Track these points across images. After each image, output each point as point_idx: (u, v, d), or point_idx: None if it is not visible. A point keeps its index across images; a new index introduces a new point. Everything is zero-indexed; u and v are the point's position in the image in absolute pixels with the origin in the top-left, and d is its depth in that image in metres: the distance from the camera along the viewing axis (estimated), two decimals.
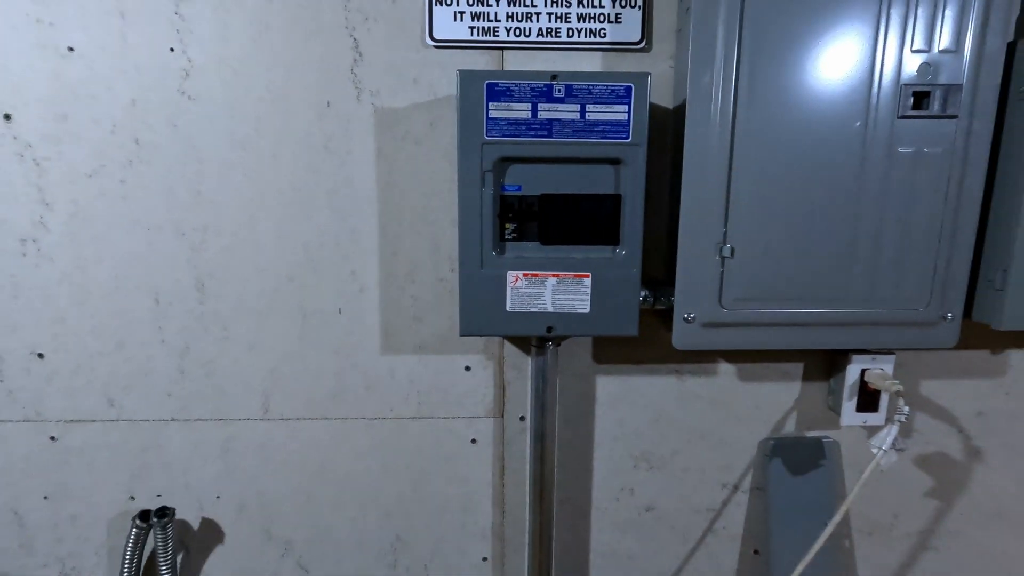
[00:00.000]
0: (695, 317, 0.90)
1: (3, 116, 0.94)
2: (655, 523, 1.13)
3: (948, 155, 0.86)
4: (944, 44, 0.83)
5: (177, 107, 0.95)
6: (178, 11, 0.92)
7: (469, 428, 1.08)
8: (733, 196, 0.86)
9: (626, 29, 0.94)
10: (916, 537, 1.15)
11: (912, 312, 0.91)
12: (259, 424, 1.06)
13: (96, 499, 1.09)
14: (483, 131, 0.82)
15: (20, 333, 1.01)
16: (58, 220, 0.98)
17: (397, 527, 1.11)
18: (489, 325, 0.88)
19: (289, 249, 1.00)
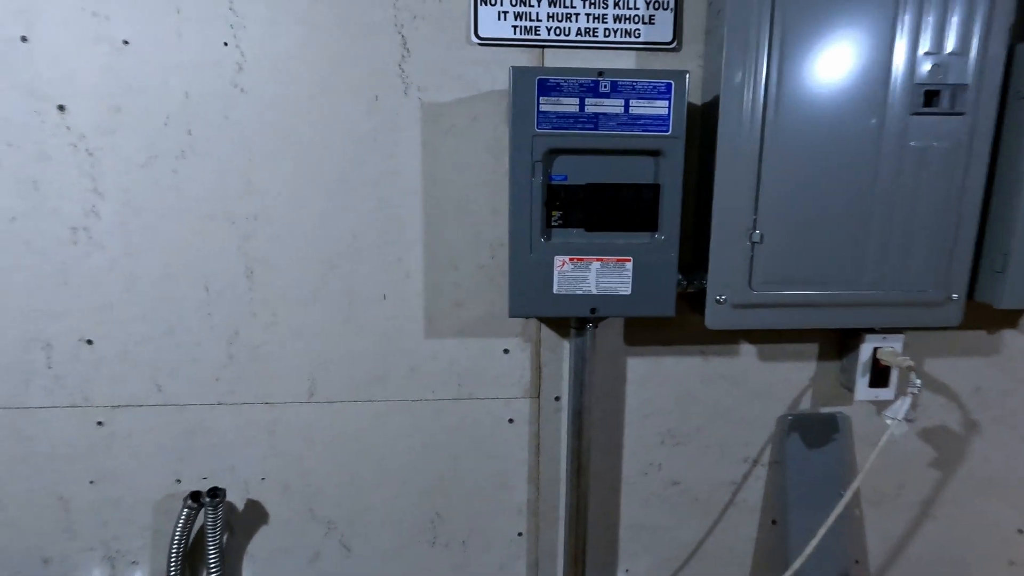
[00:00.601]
0: (726, 299, 0.96)
1: (57, 107, 0.96)
2: (680, 496, 1.20)
3: (954, 149, 0.94)
4: (952, 47, 0.91)
5: (230, 100, 0.98)
6: (232, 7, 0.95)
7: (506, 408, 1.13)
8: (763, 186, 0.93)
9: (659, 30, 1.00)
10: (919, 506, 1.24)
11: (921, 293, 0.99)
12: (304, 407, 1.10)
13: (142, 483, 1.11)
14: (534, 124, 0.87)
15: (69, 320, 1.04)
16: (110, 209, 1.00)
17: (436, 505, 1.16)
18: (537, 307, 0.93)
19: (336, 237, 1.04)
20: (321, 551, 1.17)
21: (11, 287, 1.01)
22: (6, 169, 0.98)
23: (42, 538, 1.12)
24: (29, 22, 0.94)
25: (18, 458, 1.08)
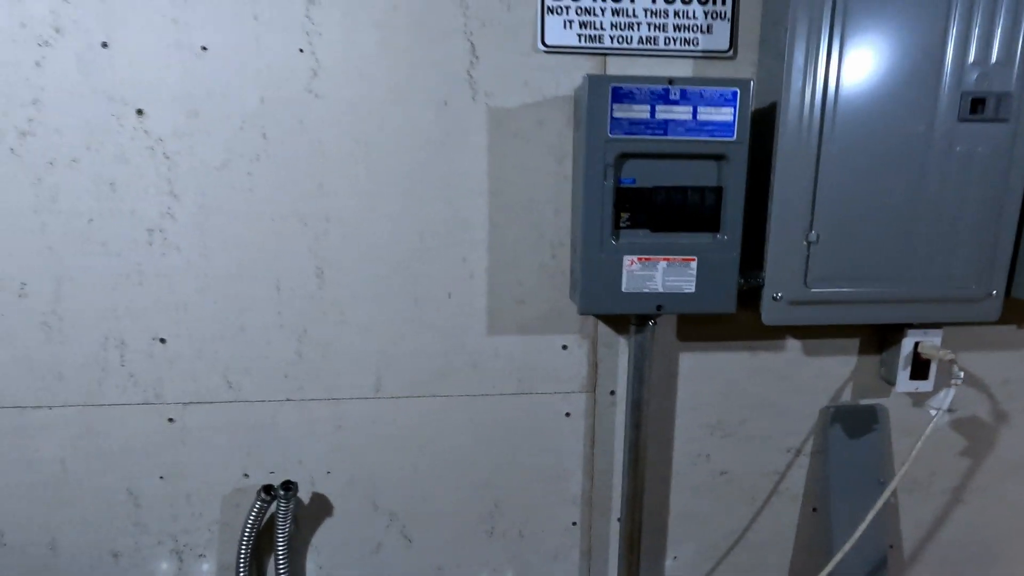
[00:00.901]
0: (783, 296, 1.01)
1: (136, 111, 0.99)
2: (727, 486, 1.25)
3: (997, 154, 1.00)
4: (997, 57, 0.97)
5: (304, 105, 1.01)
6: (308, 15, 0.98)
7: (564, 402, 1.17)
8: (819, 189, 0.98)
9: (716, 39, 1.04)
10: (950, 493, 1.30)
11: (962, 290, 1.05)
12: (370, 402, 1.14)
13: (211, 477, 1.14)
14: (607, 129, 0.92)
15: (143, 319, 1.06)
16: (185, 211, 1.03)
17: (495, 495, 1.20)
18: (606, 305, 0.98)
19: (404, 237, 1.08)
20: (383, 542, 1.21)
21: (88, 287, 1.04)
22: (85, 171, 1.00)
23: (112, 532, 1.15)
24: (110, 28, 0.96)
25: (91, 454, 1.11)
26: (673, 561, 1.28)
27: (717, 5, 1.03)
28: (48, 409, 1.08)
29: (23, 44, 0.95)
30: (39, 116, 0.98)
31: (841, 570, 1.25)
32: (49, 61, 0.96)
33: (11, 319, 1.04)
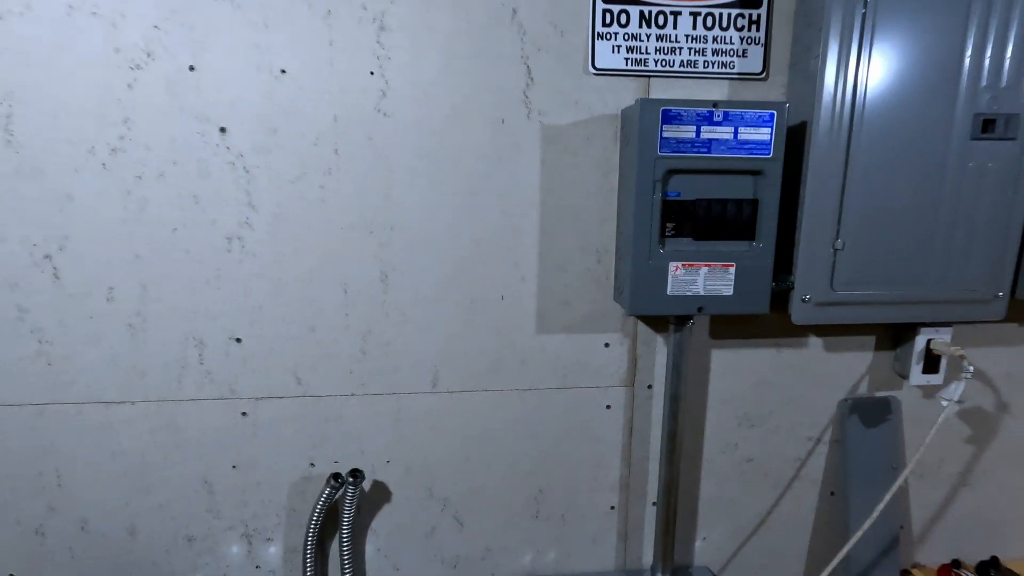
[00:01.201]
0: (811, 298, 1.11)
1: (219, 129, 1.07)
2: (753, 472, 1.35)
3: (1006, 169, 1.10)
4: (1006, 82, 1.06)
5: (373, 123, 1.10)
6: (379, 40, 1.07)
7: (605, 396, 1.27)
8: (846, 200, 1.08)
9: (750, 62, 1.14)
10: (957, 477, 1.41)
11: (972, 292, 1.15)
12: (428, 397, 1.23)
13: (279, 467, 1.23)
14: (656, 148, 1.01)
15: (221, 321, 1.15)
16: (262, 221, 1.12)
17: (539, 482, 1.30)
18: (653, 306, 1.07)
19: (462, 244, 1.16)
20: (437, 526, 1.30)
21: (171, 291, 1.12)
22: (171, 185, 1.08)
23: (187, 519, 1.23)
24: (197, 53, 1.04)
25: (169, 446, 1.19)
26: (703, 542, 1.38)
27: (752, 32, 1.12)
28: (131, 404, 1.17)
29: (117, 68, 1.03)
30: (129, 134, 1.06)
31: (856, 549, 1.36)
32: (140, 83, 1.04)
33: (99, 321, 1.12)
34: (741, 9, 1.11)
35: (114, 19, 1.01)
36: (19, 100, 1.02)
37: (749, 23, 1.12)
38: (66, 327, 1.12)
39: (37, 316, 1.11)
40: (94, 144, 1.05)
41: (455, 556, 1.32)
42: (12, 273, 1.08)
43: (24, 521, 1.19)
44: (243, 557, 1.27)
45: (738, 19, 1.11)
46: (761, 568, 1.40)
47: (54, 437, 1.16)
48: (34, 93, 1.02)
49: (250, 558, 1.27)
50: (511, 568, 1.34)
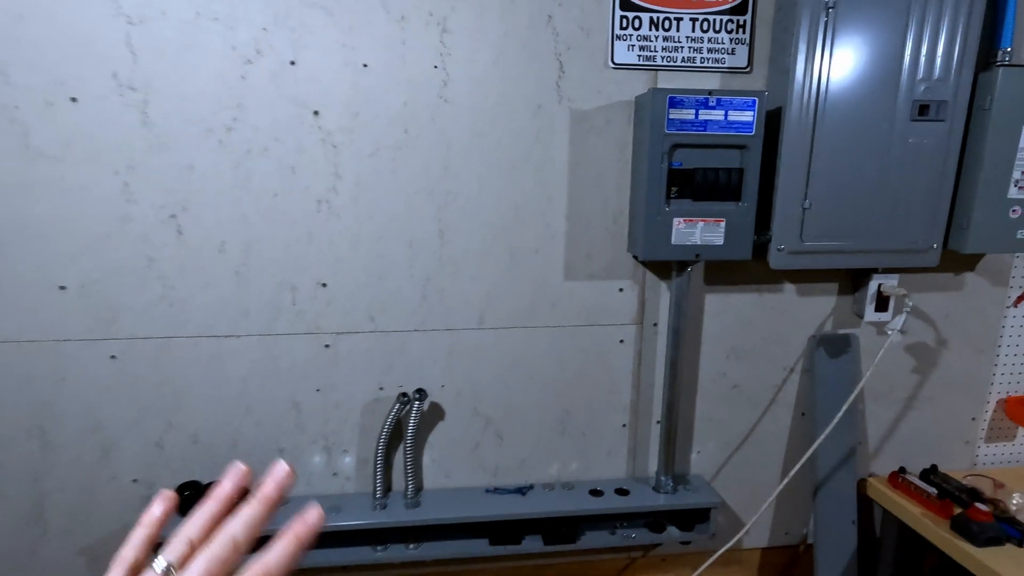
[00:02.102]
0: (785, 248, 1.40)
1: (313, 112, 1.33)
2: (738, 396, 1.64)
3: (938, 145, 1.38)
4: (938, 75, 1.35)
5: (436, 108, 1.36)
6: (442, 40, 1.33)
7: (619, 332, 1.55)
8: (812, 170, 1.36)
9: (737, 58, 1.41)
10: (904, 401, 1.71)
11: (913, 243, 1.44)
12: (475, 332, 1.50)
13: (354, 390, 1.50)
14: (664, 127, 1.28)
15: (311, 270, 1.41)
16: (345, 187, 1.38)
17: (565, 404, 1.58)
18: (660, 253, 1.35)
19: (505, 208, 1.43)
20: (481, 440, 1.58)
21: (271, 245, 1.38)
22: (273, 158, 1.34)
23: (280, 433, 1.51)
24: (297, 50, 1.29)
25: (266, 373, 1.46)
26: (697, 455, 1.67)
27: (739, 34, 1.39)
28: (236, 338, 1.43)
29: (232, 62, 1.28)
30: (241, 116, 1.31)
31: (821, 461, 1.67)
32: (250, 75, 1.29)
33: (213, 270, 1.38)
34: (731, 16, 1.38)
35: (231, 23, 1.26)
36: (154, 89, 1.27)
37: (737, 27, 1.39)
38: (185, 274, 1.38)
39: (162, 265, 1.36)
40: (212, 125, 1.31)
41: (495, 466, 1.60)
42: (144, 229, 1.34)
43: (147, 435, 1.46)
44: (323, 466, 1.55)
45: (728, 24, 1.38)
46: (745, 476, 1.70)
47: (174, 365, 1.42)
48: (166, 83, 1.27)
49: (329, 467, 1.55)
50: (541, 475, 1.63)
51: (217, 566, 0.38)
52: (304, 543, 0.41)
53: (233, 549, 0.39)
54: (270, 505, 0.42)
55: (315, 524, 0.42)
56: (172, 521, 0.42)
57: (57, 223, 1.31)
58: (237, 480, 0.43)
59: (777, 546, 1.78)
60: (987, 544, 1.40)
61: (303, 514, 0.42)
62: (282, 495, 0.42)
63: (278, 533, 0.41)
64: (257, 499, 0.42)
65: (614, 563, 1.74)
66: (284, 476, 0.43)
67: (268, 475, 0.42)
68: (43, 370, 1.38)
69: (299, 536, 0.41)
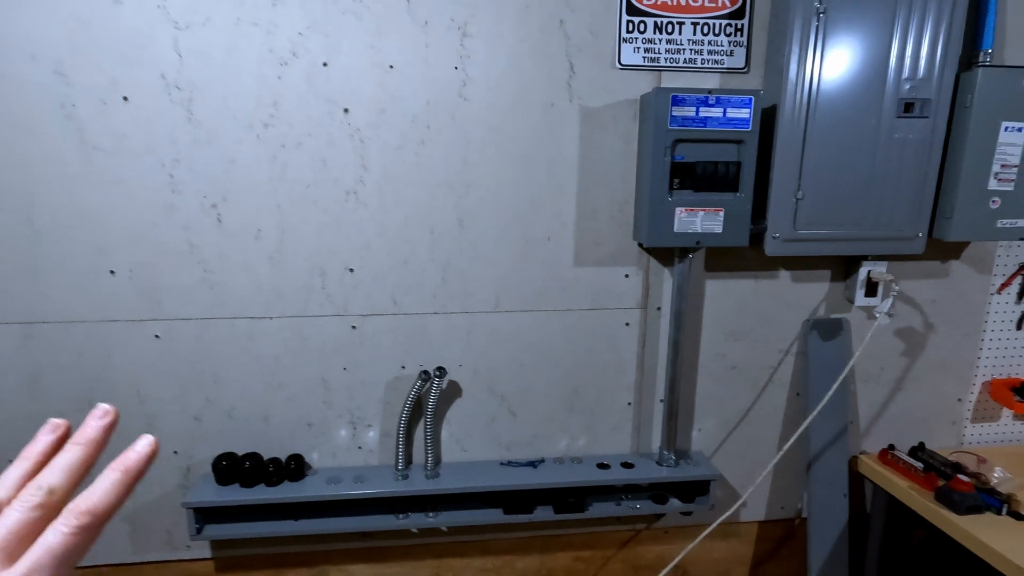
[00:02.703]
0: (779, 235, 1.50)
1: (343, 110, 1.44)
2: (736, 376, 1.75)
3: (922, 140, 1.49)
4: (922, 75, 1.45)
5: (456, 106, 1.47)
6: (462, 43, 1.44)
7: (624, 315, 1.66)
8: (804, 163, 1.46)
9: (736, 60, 1.51)
10: (893, 383, 1.82)
11: (899, 231, 1.55)
12: (491, 315, 1.61)
13: (378, 369, 1.61)
14: (667, 123, 1.39)
15: (339, 255, 1.52)
16: (372, 179, 1.49)
17: (574, 383, 1.69)
18: (664, 240, 1.46)
19: (519, 198, 1.54)
20: (496, 416, 1.69)
21: (303, 232, 1.50)
22: (306, 152, 1.45)
23: (309, 408, 1.62)
24: (330, 53, 1.40)
25: (298, 351, 1.57)
26: (698, 432, 1.78)
27: (737, 37, 1.50)
28: (270, 319, 1.54)
29: (270, 63, 1.39)
30: (277, 113, 1.42)
31: (815, 439, 1.78)
32: (286, 75, 1.40)
33: (249, 255, 1.50)
34: (730, 20, 1.48)
35: (269, 28, 1.38)
36: (198, 88, 1.39)
37: (735, 30, 1.49)
38: (224, 259, 1.49)
39: (203, 251, 1.48)
40: (251, 121, 1.42)
41: (509, 440, 1.72)
42: (187, 217, 1.46)
43: (187, 409, 1.58)
44: (348, 440, 1.66)
45: (727, 27, 1.49)
46: (742, 452, 1.80)
47: (212, 344, 1.54)
48: (210, 82, 1.39)
49: (354, 440, 1.66)
50: (551, 450, 1.74)
51: (29, 514, 0.35)
52: (133, 475, 0.39)
53: (47, 495, 0.36)
54: (92, 447, 0.39)
55: (146, 454, 0.40)
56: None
57: (108, 212, 1.43)
58: (50, 435, 0.41)
59: (773, 519, 1.88)
60: (968, 512, 1.50)
61: (133, 445, 0.40)
62: (106, 436, 0.40)
63: (108, 466, 0.39)
64: (73, 442, 0.39)
65: (619, 535, 1.84)
66: (105, 416, 0.41)
67: (90, 417, 0.41)
68: (93, 348, 1.50)
69: (128, 469, 0.39)
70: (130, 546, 1.64)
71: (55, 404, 1.52)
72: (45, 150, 1.38)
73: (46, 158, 1.38)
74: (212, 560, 1.69)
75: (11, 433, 1.52)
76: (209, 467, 1.58)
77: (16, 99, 1.35)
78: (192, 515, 1.51)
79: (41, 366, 1.50)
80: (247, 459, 1.56)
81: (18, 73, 1.33)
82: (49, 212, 1.41)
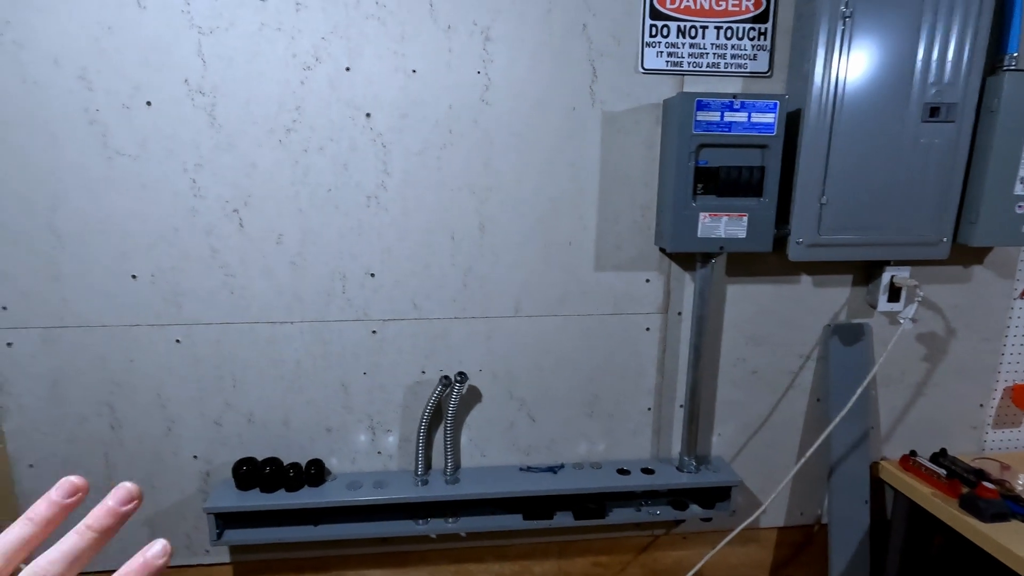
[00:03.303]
0: (803, 241, 1.49)
1: (365, 114, 1.43)
2: (756, 381, 1.74)
3: (947, 145, 1.47)
4: (947, 79, 1.44)
5: (478, 110, 1.46)
6: (485, 48, 1.43)
7: (645, 320, 1.65)
8: (829, 168, 1.45)
9: (759, 63, 1.51)
10: (914, 387, 1.81)
11: (923, 236, 1.54)
12: (511, 320, 1.61)
13: (398, 373, 1.61)
14: (691, 128, 1.38)
15: (360, 260, 1.52)
16: (393, 183, 1.48)
17: (594, 388, 1.69)
18: (687, 245, 1.45)
19: (541, 202, 1.54)
20: (515, 421, 1.69)
21: (325, 237, 1.49)
22: (328, 156, 1.45)
23: (328, 413, 1.61)
24: (352, 57, 1.40)
25: (318, 356, 1.57)
26: (718, 437, 1.77)
27: (760, 41, 1.49)
28: (291, 324, 1.54)
29: (293, 69, 1.39)
30: (300, 118, 1.42)
31: (836, 445, 1.76)
32: (309, 80, 1.40)
33: (271, 259, 1.49)
34: (753, 24, 1.48)
35: (293, 33, 1.37)
36: (222, 93, 1.39)
37: (758, 34, 1.49)
38: (246, 264, 1.49)
39: (225, 255, 1.48)
40: (274, 125, 1.42)
41: (528, 445, 1.71)
42: (209, 222, 1.45)
43: (206, 414, 1.57)
44: (368, 444, 1.65)
45: (750, 31, 1.48)
46: (762, 458, 1.79)
47: (233, 349, 1.54)
48: (232, 87, 1.39)
49: (373, 445, 1.66)
50: (570, 455, 1.73)
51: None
52: (103, 536, 0.33)
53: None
54: (104, 537, 0.33)
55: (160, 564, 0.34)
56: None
57: (131, 217, 1.43)
58: (64, 499, 0.34)
59: (792, 525, 1.87)
60: (993, 520, 1.49)
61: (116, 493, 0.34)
62: (120, 521, 0.34)
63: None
64: (86, 525, 0.33)
65: (637, 540, 1.84)
66: (129, 502, 0.34)
67: (112, 497, 0.34)
68: (114, 352, 1.50)
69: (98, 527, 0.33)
70: None
71: (76, 409, 1.52)
72: (68, 155, 1.38)
73: (69, 163, 1.38)
74: (231, 565, 1.69)
75: (32, 439, 1.52)
76: (229, 472, 1.58)
77: (39, 104, 1.35)
78: (213, 520, 1.51)
79: (62, 371, 1.50)
80: (267, 464, 1.56)
81: (42, 78, 1.34)
82: (71, 217, 1.41)
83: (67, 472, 0.36)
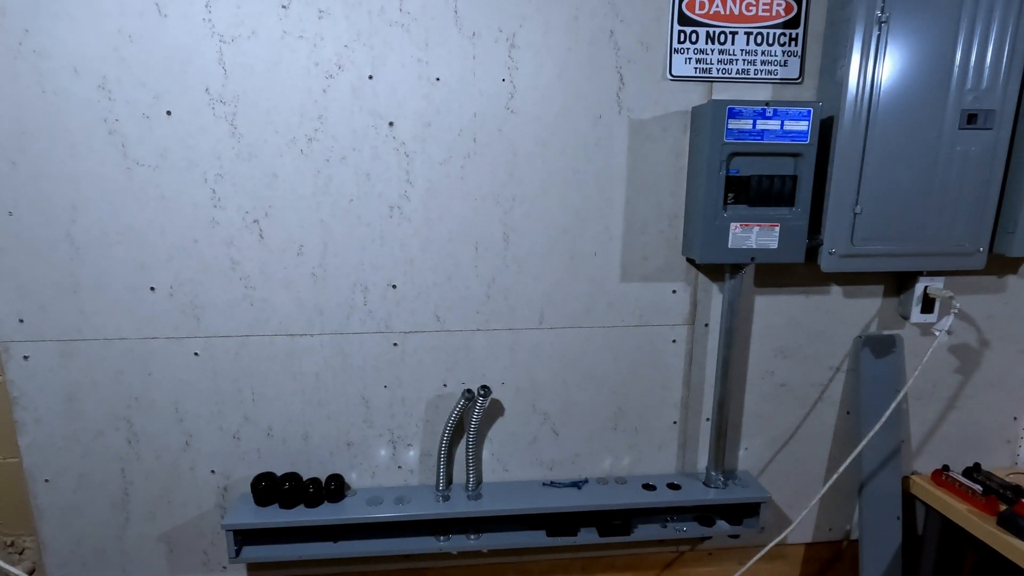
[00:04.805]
0: (836, 251, 1.46)
1: (388, 123, 1.41)
2: (785, 394, 1.70)
3: (985, 153, 1.43)
4: (985, 85, 1.40)
5: (503, 118, 1.43)
6: (510, 55, 1.40)
7: (671, 332, 1.61)
8: (863, 176, 1.41)
9: (790, 70, 1.47)
10: (946, 400, 1.76)
11: (959, 246, 1.49)
12: (535, 332, 1.57)
13: (420, 387, 1.58)
14: (723, 137, 1.35)
15: (382, 271, 1.49)
16: (416, 193, 1.45)
17: (619, 401, 1.65)
18: (717, 256, 1.41)
19: (566, 212, 1.50)
20: (538, 435, 1.65)
21: (346, 248, 1.46)
22: (350, 166, 1.42)
23: (349, 427, 1.58)
24: (375, 65, 1.37)
25: (339, 369, 1.54)
26: (745, 451, 1.73)
27: (791, 47, 1.45)
28: (311, 336, 1.51)
29: (315, 77, 1.37)
30: (322, 127, 1.39)
31: (867, 458, 1.72)
32: (332, 89, 1.38)
33: (291, 271, 1.46)
34: (783, 29, 1.44)
35: (315, 41, 1.35)
36: (242, 102, 1.36)
37: (789, 40, 1.45)
38: (266, 275, 1.46)
39: (245, 267, 1.45)
40: (295, 135, 1.39)
41: (551, 460, 1.67)
42: (229, 233, 1.43)
43: (225, 428, 1.54)
44: (388, 459, 1.62)
45: (781, 37, 1.45)
46: (790, 472, 1.75)
47: (252, 362, 1.51)
48: (254, 96, 1.36)
49: (394, 460, 1.62)
50: (594, 470, 1.69)
51: None
52: None
53: None
54: None
55: None
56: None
57: (150, 228, 1.40)
58: None
59: (821, 541, 1.82)
60: None
61: None
62: None
63: None
64: None
65: (662, 556, 1.79)
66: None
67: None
68: (132, 366, 1.47)
69: None
70: (166, 566, 1.61)
71: (92, 423, 1.49)
72: (87, 165, 1.36)
73: (88, 173, 1.36)
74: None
75: (48, 453, 1.49)
76: (247, 486, 1.55)
77: (59, 114, 1.32)
78: (231, 537, 1.48)
79: (79, 384, 1.47)
80: (287, 479, 1.53)
81: (61, 88, 1.31)
82: (90, 228, 1.39)
83: (83, 487, 0.32)
